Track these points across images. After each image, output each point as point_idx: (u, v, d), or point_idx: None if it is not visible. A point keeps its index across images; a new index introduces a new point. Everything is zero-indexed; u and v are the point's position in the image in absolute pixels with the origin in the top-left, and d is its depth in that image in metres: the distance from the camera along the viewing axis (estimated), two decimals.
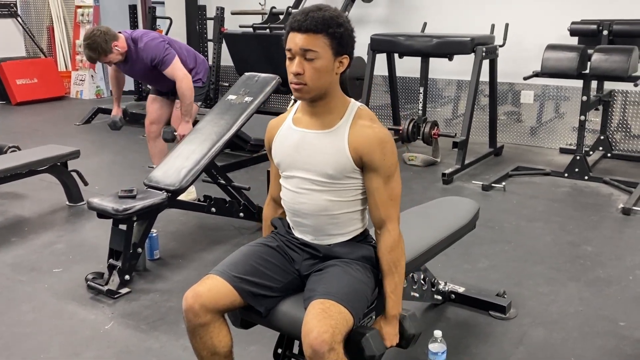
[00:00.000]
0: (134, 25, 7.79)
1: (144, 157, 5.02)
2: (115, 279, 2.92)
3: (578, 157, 4.61)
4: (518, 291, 2.85)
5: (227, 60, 6.76)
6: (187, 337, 1.81)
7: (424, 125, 5.21)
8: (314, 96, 1.73)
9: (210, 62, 6.97)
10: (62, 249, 3.46)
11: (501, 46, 5.23)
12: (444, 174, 4.63)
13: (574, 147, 4.96)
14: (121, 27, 4.13)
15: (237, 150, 5.31)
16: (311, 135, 1.79)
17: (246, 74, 3.87)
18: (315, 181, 1.78)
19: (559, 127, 5.72)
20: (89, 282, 2.95)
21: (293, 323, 1.74)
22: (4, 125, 6.93)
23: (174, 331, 2.55)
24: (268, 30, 6.00)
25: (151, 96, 4.31)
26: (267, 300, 1.80)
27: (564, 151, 5.55)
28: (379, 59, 5.50)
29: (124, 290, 2.90)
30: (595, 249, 3.39)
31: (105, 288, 2.88)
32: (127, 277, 2.94)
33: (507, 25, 5.25)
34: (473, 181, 4.63)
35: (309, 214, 1.82)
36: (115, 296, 2.85)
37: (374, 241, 1.86)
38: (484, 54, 4.91)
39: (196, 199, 3.80)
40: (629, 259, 3.25)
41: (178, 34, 7.02)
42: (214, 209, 3.51)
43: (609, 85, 5.18)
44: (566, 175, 4.65)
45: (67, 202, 4.18)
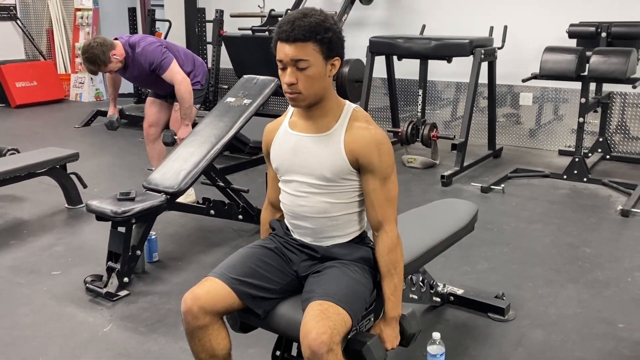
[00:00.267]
0: (133, 28, 7.80)
1: (142, 159, 5.02)
2: (114, 282, 2.91)
3: (577, 159, 4.61)
4: (517, 293, 2.85)
5: (226, 62, 6.76)
6: (186, 340, 1.82)
7: (423, 127, 5.21)
8: (309, 103, 1.74)
9: (210, 65, 6.97)
10: (61, 251, 3.46)
11: (500, 48, 5.23)
12: (443, 176, 4.63)
13: (572, 149, 4.96)
14: (120, 29, 4.14)
15: (236, 152, 5.31)
16: (307, 139, 1.79)
17: (245, 76, 3.87)
18: (314, 184, 1.79)
19: (557, 129, 5.72)
20: (87, 284, 2.95)
21: (291, 325, 1.74)
22: (3, 128, 6.93)
23: (173, 333, 2.55)
24: (267, 33, 6.01)
25: (150, 99, 4.31)
26: (265, 302, 1.80)
27: (562, 153, 5.55)
28: (377, 61, 5.50)
29: (123, 293, 2.90)
30: (594, 250, 3.39)
31: (104, 290, 2.88)
32: (125, 279, 2.93)
33: (506, 28, 5.26)
34: (472, 183, 4.64)
35: (308, 216, 1.82)
36: (114, 299, 2.85)
37: (371, 243, 1.87)
38: (482, 56, 4.91)
39: (195, 202, 3.81)
40: (628, 260, 3.25)
41: (177, 36, 7.03)
42: (212, 212, 3.51)
43: (607, 87, 5.18)
44: (565, 177, 4.65)
45: (66, 205, 4.17)
